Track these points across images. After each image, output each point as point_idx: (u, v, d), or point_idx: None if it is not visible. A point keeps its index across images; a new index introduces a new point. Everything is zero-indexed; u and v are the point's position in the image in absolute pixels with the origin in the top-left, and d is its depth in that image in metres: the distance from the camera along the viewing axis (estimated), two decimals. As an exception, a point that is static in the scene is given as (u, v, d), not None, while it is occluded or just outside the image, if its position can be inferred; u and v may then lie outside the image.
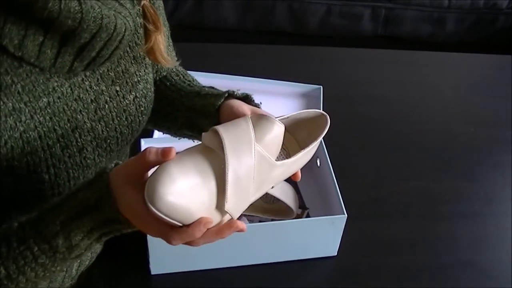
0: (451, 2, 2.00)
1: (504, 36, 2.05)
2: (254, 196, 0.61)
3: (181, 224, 0.54)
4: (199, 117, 0.81)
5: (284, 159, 0.64)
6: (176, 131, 0.89)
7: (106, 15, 0.60)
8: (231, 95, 0.79)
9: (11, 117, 0.59)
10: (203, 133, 0.60)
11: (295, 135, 0.74)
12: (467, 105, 1.33)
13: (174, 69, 0.89)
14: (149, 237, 0.85)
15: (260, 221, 0.98)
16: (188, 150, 0.58)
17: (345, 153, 1.15)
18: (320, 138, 0.69)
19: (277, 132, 0.62)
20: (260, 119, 0.62)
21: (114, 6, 0.64)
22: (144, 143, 0.98)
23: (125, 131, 0.75)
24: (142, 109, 0.77)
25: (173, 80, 0.89)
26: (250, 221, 0.98)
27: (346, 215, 0.89)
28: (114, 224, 0.58)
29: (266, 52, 1.47)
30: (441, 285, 0.94)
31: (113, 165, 0.59)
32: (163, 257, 0.90)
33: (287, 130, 0.70)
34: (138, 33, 0.74)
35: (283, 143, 0.68)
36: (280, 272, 0.93)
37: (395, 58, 1.48)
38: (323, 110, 1.20)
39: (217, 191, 0.56)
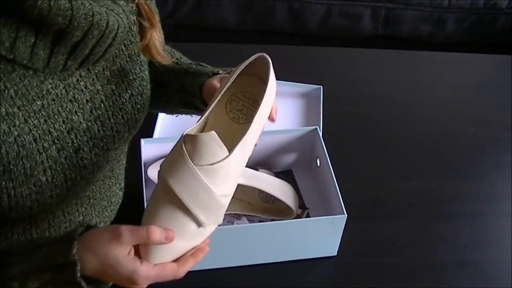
0: (451, 2, 2.00)
1: (504, 36, 2.05)
2: (238, 181, 0.69)
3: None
4: (190, 96, 0.84)
5: (252, 105, 0.70)
6: (172, 109, 0.92)
7: (97, 12, 0.60)
8: (215, 74, 0.83)
9: (5, 122, 0.59)
10: (158, 173, 0.66)
11: (256, 74, 0.76)
12: (467, 105, 1.33)
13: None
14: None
15: (260, 221, 0.98)
16: (156, 203, 0.65)
17: (345, 153, 1.15)
18: (269, 82, 0.72)
19: (208, 140, 0.64)
20: (190, 140, 0.64)
21: (106, 3, 0.63)
22: (144, 143, 0.98)
23: (122, 129, 0.75)
24: (138, 106, 0.77)
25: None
26: (250, 221, 0.98)
27: (346, 215, 0.89)
28: (74, 286, 0.61)
29: (266, 52, 1.46)
30: (441, 285, 0.94)
31: (83, 228, 0.63)
32: (163, 257, 0.90)
33: (244, 75, 0.75)
34: (132, 30, 0.74)
35: (246, 91, 0.74)
36: (280, 272, 0.93)
37: (395, 58, 1.48)
38: (323, 110, 1.21)
39: (195, 219, 0.64)
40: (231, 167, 0.65)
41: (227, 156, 0.64)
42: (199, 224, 0.64)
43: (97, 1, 0.62)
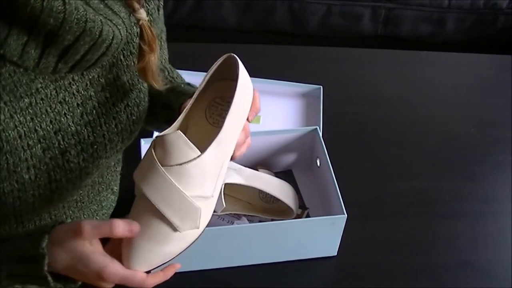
0: (451, 2, 2.00)
1: (504, 36, 2.05)
2: (220, 183, 0.67)
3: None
4: (174, 113, 0.82)
5: (226, 106, 0.68)
6: (158, 126, 0.90)
7: (90, 19, 0.60)
8: None
9: None
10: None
11: (228, 79, 0.75)
12: (467, 105, 1.33)
13: (161, 66, 0.88)
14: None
15: (260, 221, 0.98)
16: (134, 209, 0.66)
17: (345, 153, 1.15)
18: (238, 81, 0.70)
19: (175, 139, 0.63)
20: (158, 142, 0.64)
21: (105, 13, 0.63)
22: (144, 143, 0.98)
23: (115, 138, 0.74)
24: (134, 118, 0.76)
25: None
26: (250, 221, 0.98)
27: (346, 215, 0.89)
28: (41, 281, 0.61)
29: (266, 52, 1.47)
30: (441, 285, 0.94)
31: (54, 223, 0.63)
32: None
33: (212, 84, 0.74)
34: (134, 42, 0.73)
35: (224, 95, 0.73)
36: (280, 272, 0.93)
37: (395, 58, 1.48)
38: (323, 110, 1.21)
39: (170, 223, 0.64)
40: (206, 167, 0.64)
41: (199, 156, 0.63)
42: (174, 228, 0.64)
43: (97, 10, 0.61)
